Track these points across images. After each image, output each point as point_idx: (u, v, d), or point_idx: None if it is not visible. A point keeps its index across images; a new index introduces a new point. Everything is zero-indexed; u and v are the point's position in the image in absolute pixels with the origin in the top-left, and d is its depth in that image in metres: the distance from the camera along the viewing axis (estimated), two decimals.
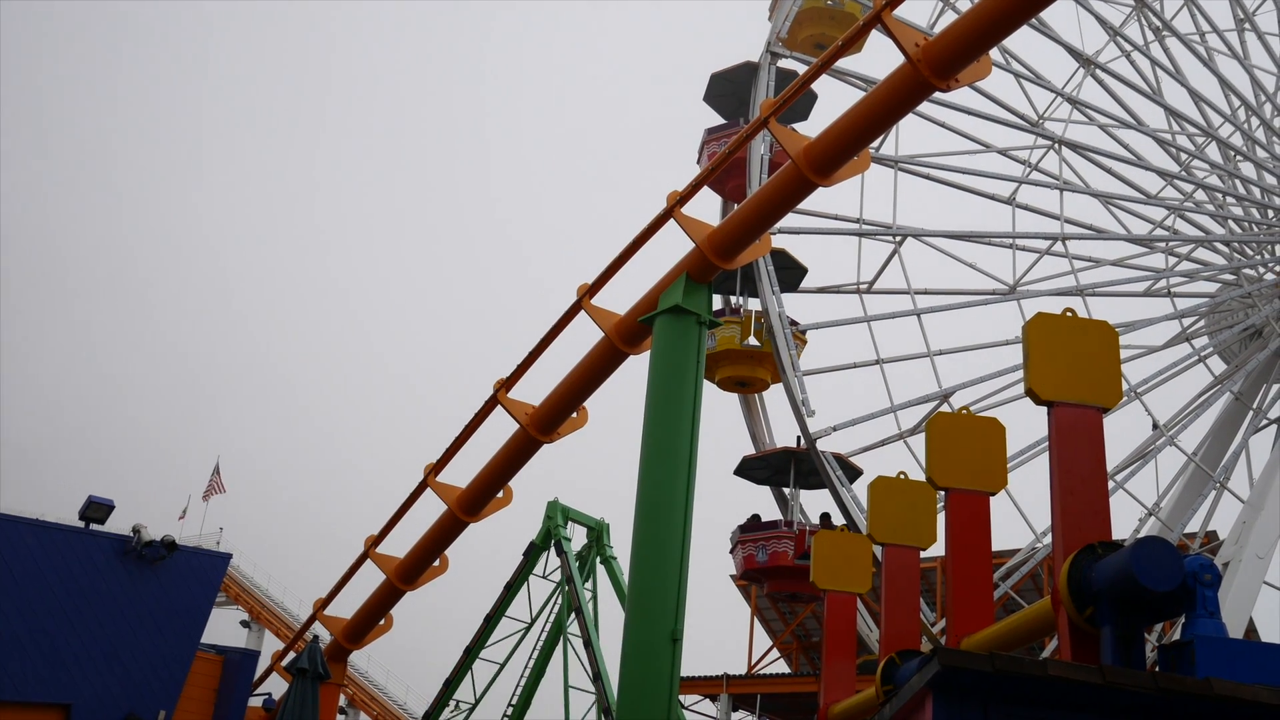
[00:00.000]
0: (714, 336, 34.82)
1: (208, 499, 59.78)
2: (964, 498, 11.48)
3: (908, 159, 34.05)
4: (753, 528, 35.91)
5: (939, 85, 14.39)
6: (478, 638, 34.19)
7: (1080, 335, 9.81)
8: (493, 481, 22.67)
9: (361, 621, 26.37)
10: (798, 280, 36.11)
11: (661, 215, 18.11)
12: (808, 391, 31.54)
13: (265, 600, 58.77)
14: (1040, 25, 34.39)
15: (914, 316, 33.05)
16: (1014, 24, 14.46)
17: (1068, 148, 35.13)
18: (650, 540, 16.17)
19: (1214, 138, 36.98)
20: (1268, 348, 34.95)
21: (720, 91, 39.56)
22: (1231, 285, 36.55)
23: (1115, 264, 36.18)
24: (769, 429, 37.89)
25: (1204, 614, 7.88)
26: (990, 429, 12.07)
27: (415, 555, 24.69)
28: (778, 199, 16.99)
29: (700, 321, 17.54)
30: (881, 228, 33.97)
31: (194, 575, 26.08)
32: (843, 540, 15.40)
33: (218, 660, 27.14)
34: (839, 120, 15.78)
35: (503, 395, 21.42)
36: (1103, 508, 9.15)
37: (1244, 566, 30.57)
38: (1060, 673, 7.02)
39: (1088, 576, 8.48)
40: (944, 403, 31.41)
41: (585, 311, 19.43)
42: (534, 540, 34.45)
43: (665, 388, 17.11)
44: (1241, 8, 38.64)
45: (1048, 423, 9.60)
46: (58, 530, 24.99)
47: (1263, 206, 36.71)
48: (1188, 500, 34.35)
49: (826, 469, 31.10)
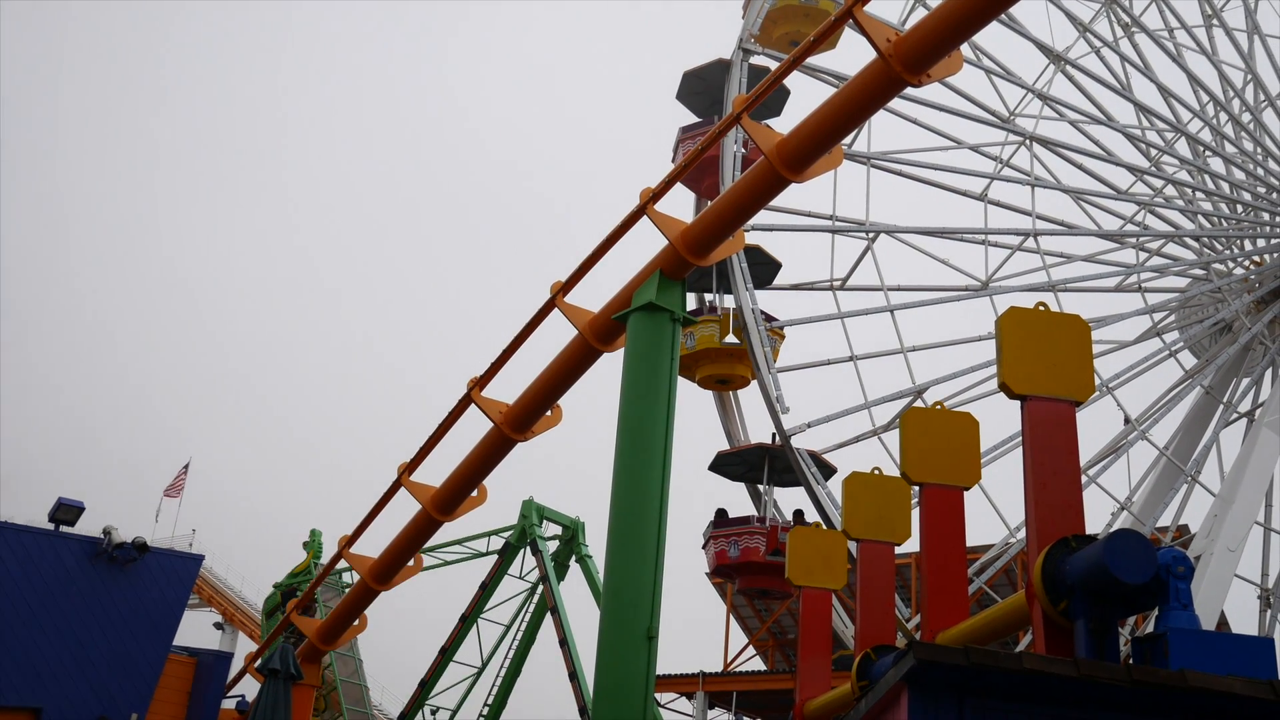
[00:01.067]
0: (693, 336, 34.83)
1: (172, 496, 59.27)
2: (938, 493, 11.51)
3: (880, 155, 34.13)
4: (724, 523, 35.93)
5: (911, 81, 14.40)
6: (453, 638, 34.11)
7: (1053, 330, 9.84)
8: (467, 480, 22.58)
9: (336, 622, 26.23)
10: (771, 276, 36.16)
11: (635, 212, 18.07)
12: (782, 388, 31.59)
13: (238, 602, 58.46)
14: (1010, 21, 34.53)
15: (887, 313, 33.13)
16: (984, 20, 14.48)
17: (1038, 144, 35.28)
18: (625, 538, 16.12)
19: (1183, 133, 37.23)
20: (1237, 342, 35.20)
21: (693, 89, 39.58)
22: (1201, 280, 36.81)
23: (1086, 259, 36.39)
24: (744, 426, 37.94)
25: (1177, 606, 7.92)
26: (964, 424, 12.11)
27: (389, 555, 24.58)
28: (751, 195, 16.99)
29: (674, 318, 17.50)
30: (854, 224, 34.05)
31: (166, 577, 25.92)
32: (817, 536, 15.42)
33: (190, 662, 26.98)
34: (811, 116, 15.78)
35: (476, 394, 21.34)
36: (1076, 501, 9.19)
37: (1215, 559, 30.78)
38: (1035, 666, 7.03)
39: (1062, 570, 8.51)
40: (918, 398, 31.50)
41: (559, 309, 19.37)
42: (509, 539, 34.38)
43: (640, 385, 17.06)
44: (1209, 4, 38.92)
45: (1021, 416, 9.62)
46: (27, 533, 24.79)
47: (1231, 201, 36.98)
48: (1159, 494, 34.57)
49: (801, 466, 31.15)
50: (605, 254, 18.83)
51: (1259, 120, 37.70)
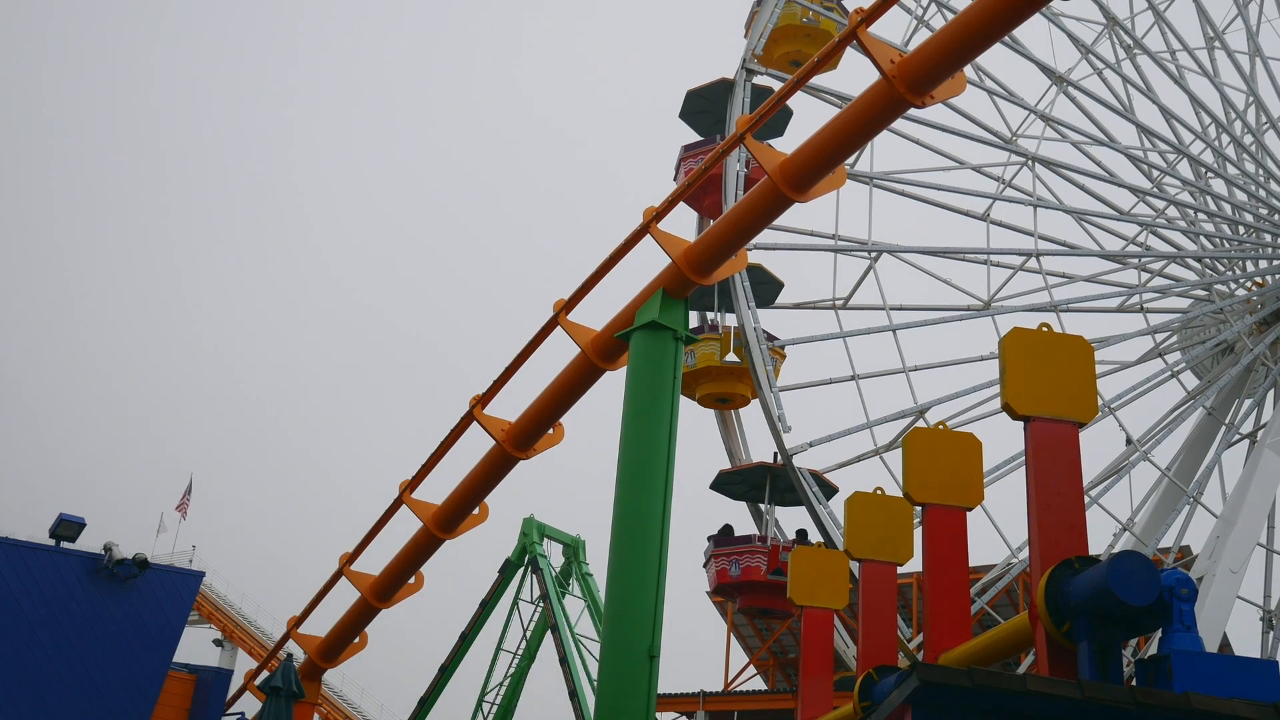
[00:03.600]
0: (694, 354, 34.84)
1: (180, 511, 59.29)
2: (941, 513, 11.50)
3: (883, 175, 34.19)
4: (726, 541, 35.87)
5: (914, 102, 14.46)
6: (453, 656, 34.05)
7: (1056, 351, 9.85)
8: (469, 498, 22.59)
9: (336, 639, 26.18)
10: (774, 295, 36.18)
11: (638, 231, 18.14)
12: (784, 407, 31.58)
13: (238, 619, 58.29)
14: (1013, 43, 34.63)
15: (889, 332, 33.13)
16: (988, 41, 14.55)
17: (1041, 164, 35.35)
18: (627, 557, 16.13)
19: (1185, 155, 37.29)
20: (1239, 363, 35.18)
21: (696, 108, 39.66)
22: (1203, 301, 36.83)
23: (1088, 280, 36.40)
24: (745, 445, 37.89)
25: (1180, 628, 7.90)
26: (966, 444, 12.10)
27: (390, 572, 24.56)
28: (754, 215, 17.05)
29: (677, 337, 17.55)
30: (857, 244, 34.08)
31: (166, 593, 25.89)
32: (820, 556, 15.39)
33: (190, 679, 26.95)
34: (815, 136, 15.84)
35: (479, 411, 21.37)
36: (1079, 522, 9.18)
37: (1218, 581, 30.68)
38: (1039, 688, 7.02)
39: (1065, 591, 8.49)
40: (920, 418, 31.48)
41: (562, 327, 19.42)
42: (510, 557, 34.36)
43: (642, 403, 17.09)
44: (1211, 26, 39.03)
45: (1024, 437, 9.62)
46: (28, 548, 24.77)
47: (1234, 223, 37.02)
48: (1161, 515, 34.51)
49: (803, 485, 31.12)
50: (608, 272, 18.88)
51: (1260, 142, 37.76)
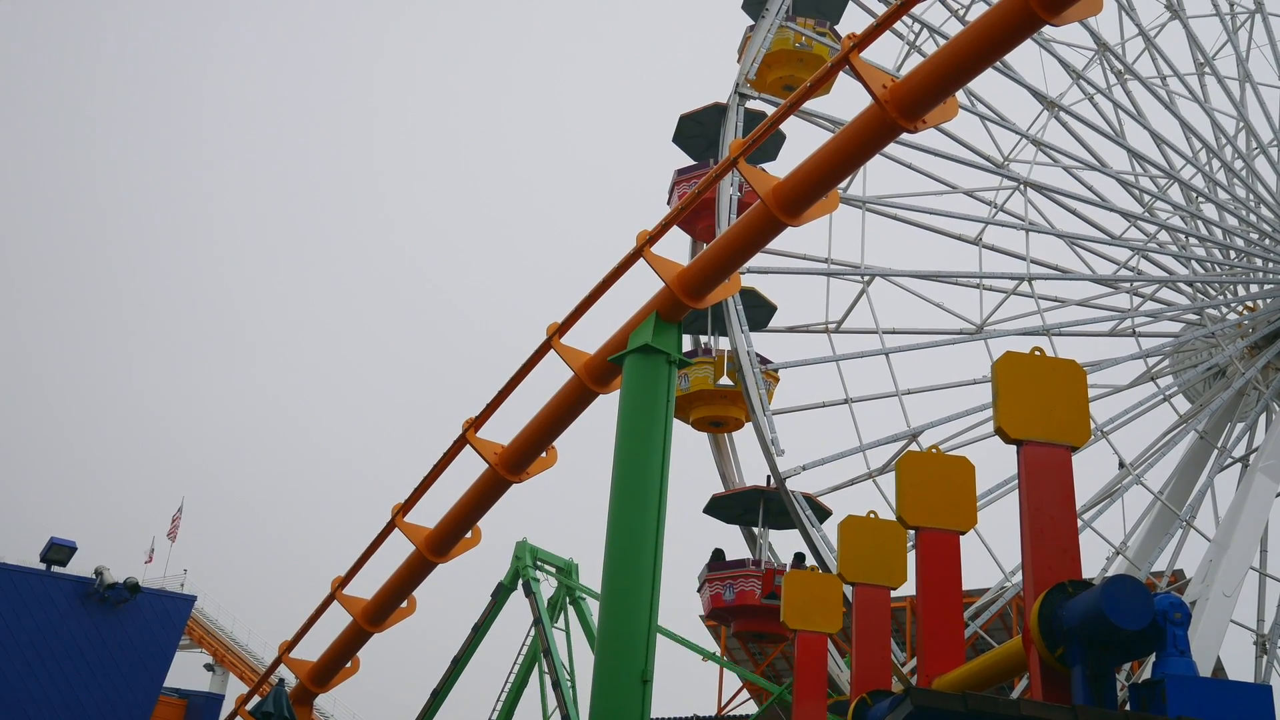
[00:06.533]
0: (687, 377, 34.84)
1: (170, 537, 59.21)
2: (934, 536, 11.51)
3: (876, 199, 34.30)
4: (720, 566, 35.80)
5: (906, 126, 14.54)
6: (445, 680, 33.88)
7: (1048, 375, 9.88)
8: (461, 522, 22.54)
9: (328, 664, 26.05)
10: (767, 319, 36.22)
11: (631, 255, 18.18)
12: (777, 431, 31.57)
13: (230, 643, 58.09)
14: (1005, 68, 34.81)
15: (882, 356, 33.17)
16: (979, 67, 14.64)
17: (1033, 189, 35.48)
18: (620, 580, 16.10)
19: (1176, 179, 37.46)
20: (1231, 387, 35.25)
21: (689, 133, 39.77)
22: (1195, 325, 36.94)
23: (1080, 304, 36.52)
24: (738, 468, 37.83)
25: (1174, 653, 7.91)
26: (959, 468, 12.14)
27: (383, 597, 24.47)
28: (747, 239, 17.10)
29: (670, 360, 17.56)
30: (850, 267, 34.16)
31: (157, 618, 25.78)
32: (813, 580, 15.39)
33: (181, 704, 26.82)
34: (808, 161, 15.91)
35: (471, 435, 21.36)
36: (1072, 546, 9.19)
37: (1211, 605, 30.64)
38: (1033, 713, 7.02)
39: (1059, 615, 8.50)
40: (913, 442, 31.49)
41: (555, 351, 19.44)
42: (502, 581, 34.24)
43: (635, 427, 17.10)
44: (1201, 52, 39.29)
45: (1017, 461, 9.63)
46: (18, 572, 24.66)
47: (1225, 247, 37.17)
48: (1154, 539, 34.50)
49: (796, 509, 31.09)
50: (601, 296, 18.91)
51: (1251, 167, 37.96)
